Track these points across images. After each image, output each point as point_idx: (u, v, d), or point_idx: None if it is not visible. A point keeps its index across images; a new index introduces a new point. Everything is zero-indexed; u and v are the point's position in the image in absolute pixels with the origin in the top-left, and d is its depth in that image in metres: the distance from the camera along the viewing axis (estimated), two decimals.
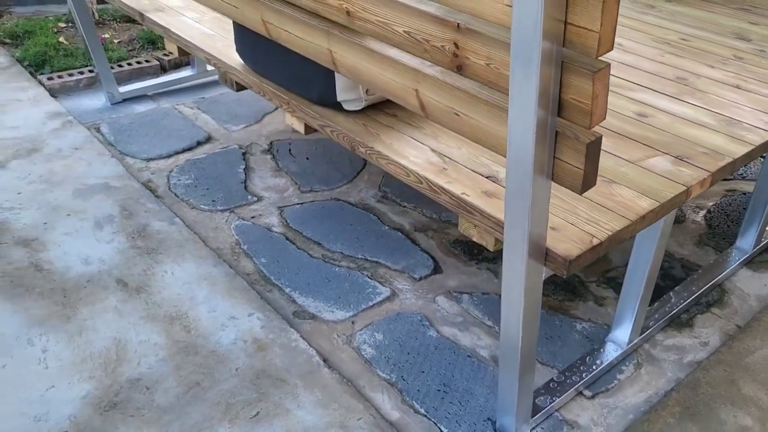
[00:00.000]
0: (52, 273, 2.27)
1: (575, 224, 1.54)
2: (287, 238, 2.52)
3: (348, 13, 1.62)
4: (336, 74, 1.90)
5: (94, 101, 3.47)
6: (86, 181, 2.76)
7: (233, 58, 2.33)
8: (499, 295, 2.28)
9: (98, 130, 3.19)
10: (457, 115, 1.49)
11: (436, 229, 2.60)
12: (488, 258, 2.45)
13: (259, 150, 3.09)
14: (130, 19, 4.25)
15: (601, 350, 2.04)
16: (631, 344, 2.05)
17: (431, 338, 2.10)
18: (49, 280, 2.24)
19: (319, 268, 2.37)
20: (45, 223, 2.50)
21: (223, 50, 2.39)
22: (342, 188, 2.83)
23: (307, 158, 3.04)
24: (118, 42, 3.98)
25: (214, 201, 2.71)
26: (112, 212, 2.59)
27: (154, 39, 3.99)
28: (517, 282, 1.47)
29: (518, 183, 1.33)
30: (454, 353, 2.04)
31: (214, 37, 2.49)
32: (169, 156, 3.02)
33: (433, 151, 1.82)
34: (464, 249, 2.49)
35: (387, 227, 2.60)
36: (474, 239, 1.65)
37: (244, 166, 2.96)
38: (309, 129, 2.09)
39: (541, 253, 1.45)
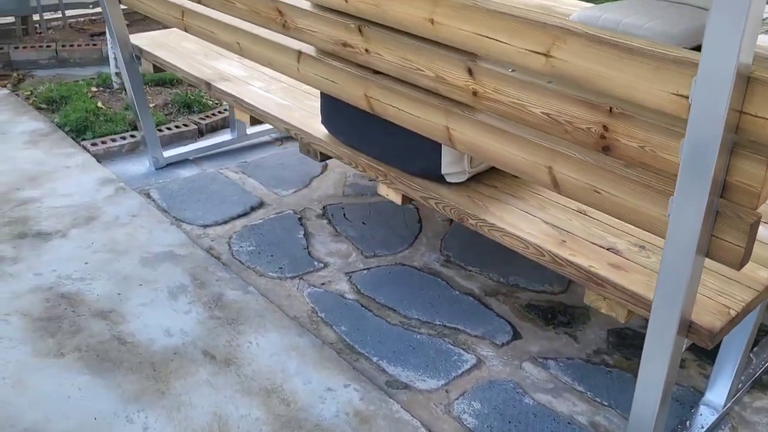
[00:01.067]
0: (136, 346, 2.24)
1: (709, 296, 1.58)
2: (362, 305, 2.52)
3: (475, 93, 1.68)
4: (443, 148, 1.95)
5: (138, 166, 3.47)
6: (151, 249, 2.75)
7: (316, 128, 2.37)
8: (584, 360, 2.31)
9: (149, 195, 3.19)
10: (598, 192, 1.54)
11: (506, 293, 2.63)
12: (564, 323, 2.49)
13: (314, 215, 3.11)
14: (162, 82, 4.29)
15: (698, 414, 2.07)
16: (726, 407, 2.09)
17: (528, 406, 2.11)
18: (135, 354, 2.21)
19: (401, 335, 2.38)
20: (119, 294, 2.48)
21: (303, 120, 2.43)
22: (404, 252, 2.86)
23: (364, 222, 3.07)
24: (154, 106, 4.00)
25: (281, 268, 2.71)
26: (184, 281, 2.57)
27: (189, 102, 4.02)
28: (662, 356, 1.50)
29: (676, 261, 1.38)
30: (554, 420, 2.05)
31: (290, 107, 2.54)
32: (225, 222, 3.02)
33: (546, 222, 1.86)
34: (538, 314, 2.53)
35: (458, 292, 2.62)
36: (602, 311, 1.69)
37: (303, 232, 2.97)
38: (406, 200, 2.13)
39: (685, 326, 1.50)
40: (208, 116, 3.97)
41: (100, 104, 3.91)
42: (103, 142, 3.55)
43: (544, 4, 4.06)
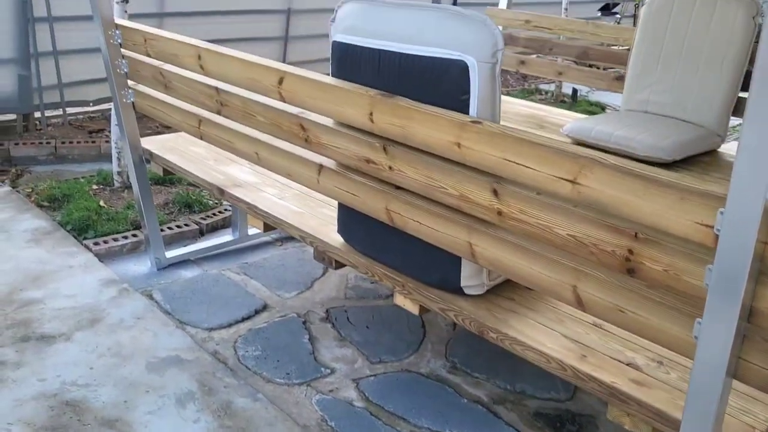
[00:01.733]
0: None
1: (732, 415, 1.62)
2: (371, 413, 2.51)
3: (500, 213, 1.75)
4: (463, 261, 2.01)
5: (140, 266, 3.48)
6: (157, 354, 2.72)
7: (331, 237, 2.43)
8: None
9: (152, 297, 3.18)
10: (622, 311, 1.60)
11: (514, 401, 2.63)
12: (572, 431, 2.49)
13: (317, 318, 3.12)
14: (161, 181, 4.36)
15: None
16: None
17: None
18: None
19: None
20: (125, 401, 2.43)
21: (318, 228, 2.49)
22: (410, 359, 2.87)
23: (368, 327, 3.08)
24: (155, 205, 4.05)
25: (288, 374, 2.70)
26: (191, 387, 2.54)
27: (190, 202, 4.08)
28: None
29: (706, 383, 1.42)
30: None
31: (305, 215, 2.60)
32: (230, 325, 3.01)
33: (565, 336, 1.91)
34: (547, 422, 2.53)
35: (466, 400, 2.62)
36: (626, 427, 1.71)
37: (308, 336, 2.97)
38: (423, 310, 2.17)
39: None
40: (208, 216, 4.02)
41: (102, 203, 3.95)
42: (105, 242, 3.57)
43: (536, 113, 4.27)
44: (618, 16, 7.95)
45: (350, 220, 2.30)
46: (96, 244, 3.54)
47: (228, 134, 2.62)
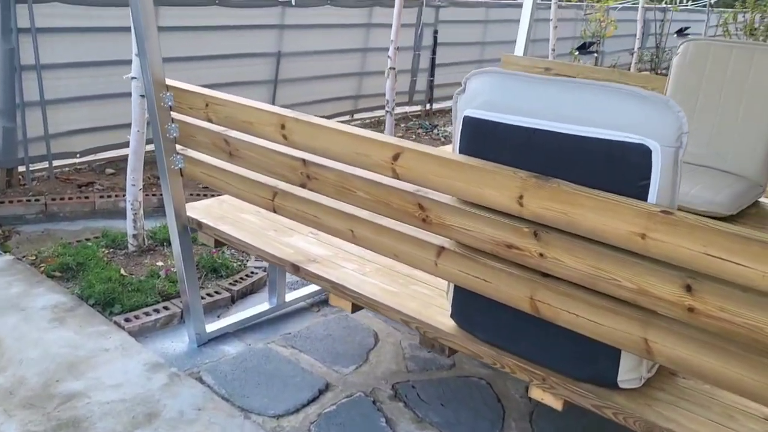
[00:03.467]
0: None
1: None
2: None
3: (691, 309, 1.61)
4: (622, 354, 1.85)
5: (177, 343, 3.18)
6: None
7: (440, 321, 2.24)
8: None
9: (202, 380, 2.89)
10: None
11: None
12: None
13: (386, 396, 2.90)
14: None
15: None
16: None
17: None
18: None
19: None
20: None
21: (422, 311, 2.29)
22: None
23: (442, 404, 2.88)
24: (177, 271, 3.75)
25: None
26: None
27: (216, 267, 3.80)
28: None
29: None
30: None
31: (400, 295, 2.40)
32: (297, 410, 2.76)
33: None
34: None
35: None
36: None
37: (384, 419, 2.74)
38: (567, 404, 2.00)
39: None
40: (237, 281, 3.74)
41: (122, 271, 3.62)
42: (137, 317, 3.25)
43: None
44: (596, 54, 8.09)
45: (471, 305, 2.12)
46: (127, 320, 3.22)
47: (313, 209, 2.40)
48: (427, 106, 8.61)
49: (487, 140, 1.92)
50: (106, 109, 5.22)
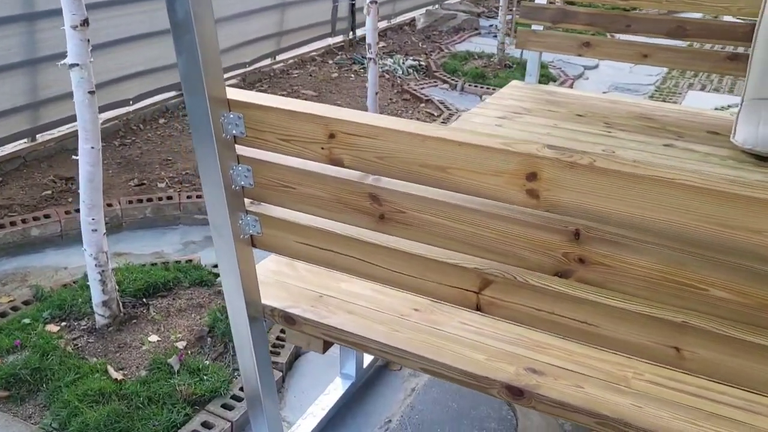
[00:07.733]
0: None
1: None
2: None
3: None
4: None
5: None
6: None
7: None
8: None
9: None
10: None
11: None
12: None
13: None
14: (157, 290, 2.79)
15: None
16: None
17: None
18: None
19: None
20: None
21: None
22: None
23: None
24: (185, 346, 2.52)
25: None
26: None
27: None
28: None
29: None
30: None
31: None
32: None
33: None
34: None
35: None
36: None
37: None
38: None
39: None
40: (273, 346, 2.59)
41: (112, 372, 2.34)
42: None
43: (651, 114, 3.32)
44: None
45: None
46: None
47: (582, 311, 1.35)
48: (350, 35, 7.34)
49: None
50: None
